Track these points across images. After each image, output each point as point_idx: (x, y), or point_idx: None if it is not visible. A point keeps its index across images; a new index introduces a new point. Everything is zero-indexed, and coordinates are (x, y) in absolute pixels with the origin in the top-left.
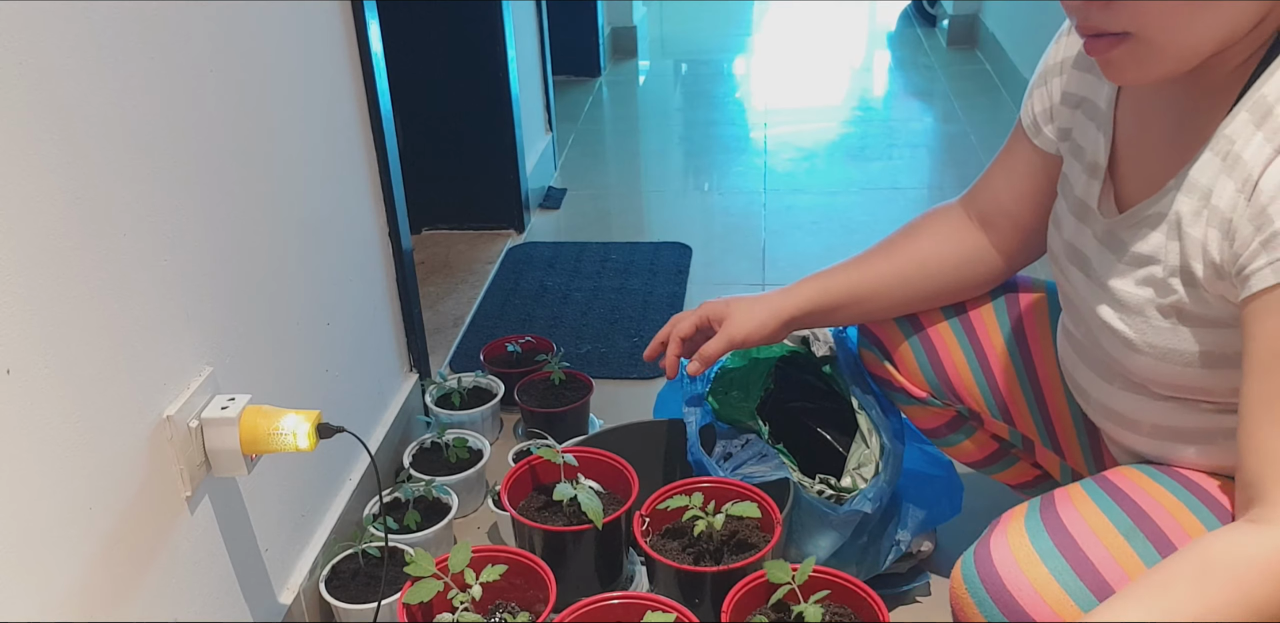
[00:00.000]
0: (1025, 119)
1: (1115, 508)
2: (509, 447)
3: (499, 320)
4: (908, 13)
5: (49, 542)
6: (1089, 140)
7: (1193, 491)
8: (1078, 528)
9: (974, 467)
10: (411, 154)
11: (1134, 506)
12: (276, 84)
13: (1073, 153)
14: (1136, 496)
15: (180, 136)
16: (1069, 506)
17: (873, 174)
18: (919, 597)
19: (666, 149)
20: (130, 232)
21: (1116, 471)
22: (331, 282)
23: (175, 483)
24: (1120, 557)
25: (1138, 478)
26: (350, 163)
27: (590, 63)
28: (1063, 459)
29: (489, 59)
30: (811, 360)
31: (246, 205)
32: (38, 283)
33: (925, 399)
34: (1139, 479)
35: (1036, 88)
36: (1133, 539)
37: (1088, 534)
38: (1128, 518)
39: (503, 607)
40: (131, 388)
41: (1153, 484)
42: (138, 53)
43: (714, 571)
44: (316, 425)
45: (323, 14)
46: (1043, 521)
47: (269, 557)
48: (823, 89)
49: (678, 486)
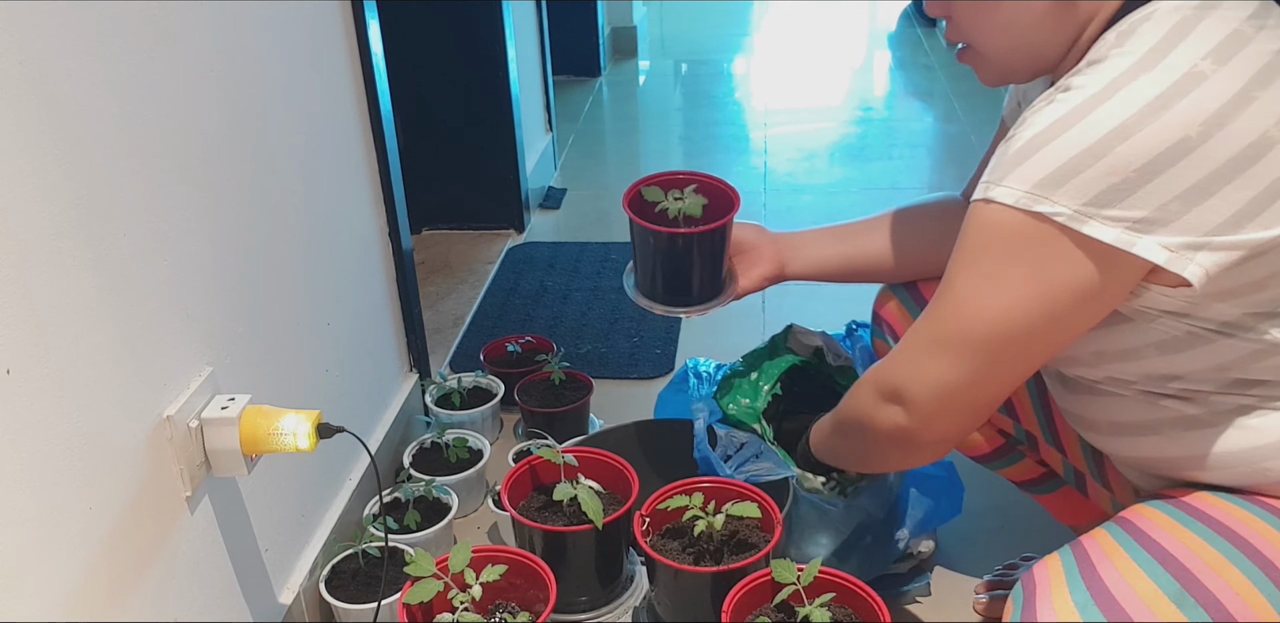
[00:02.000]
0: (1006, 111)
1: (1158, 569)
2: (509, 447)
3: (499, 320)
4: (908, 13)
5: (49, 542)
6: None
7: (1232, 540)
8: (1126, 598)
9: (980, 462)
10: (411, 154)
11: (1179, 566)
12: (276, 84)
13: None
14: (1179, 553)
15: (180, 136)
16: (1110, 567)
17: (873, 174)
18: (919, 597)
19: (666, 149)
20: (130, 232)
21: (1143, 515)
22: (331, 282)
23: (175, 483)
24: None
25: (1172, 527)
26: (350, 163)
27: (590, 63)
28: (1065, 457)
29: (489, 59)
30: (822, 371)
31: (246, 205)
32: (38, 283)
33: None
34: (1174, 529)
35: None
36: (1184, 606)
37: (1138, 605)
38: (1176, 583)
39: (503, 607)
40: (131, 388)
41: (1190, 536)
42: (138, 53)
43: (714, 571)
44: (316, 425)
45: (323, 14)
46: (1087, 588)
47: (269, 557)
48: (823, 89)
49: (678, 486)
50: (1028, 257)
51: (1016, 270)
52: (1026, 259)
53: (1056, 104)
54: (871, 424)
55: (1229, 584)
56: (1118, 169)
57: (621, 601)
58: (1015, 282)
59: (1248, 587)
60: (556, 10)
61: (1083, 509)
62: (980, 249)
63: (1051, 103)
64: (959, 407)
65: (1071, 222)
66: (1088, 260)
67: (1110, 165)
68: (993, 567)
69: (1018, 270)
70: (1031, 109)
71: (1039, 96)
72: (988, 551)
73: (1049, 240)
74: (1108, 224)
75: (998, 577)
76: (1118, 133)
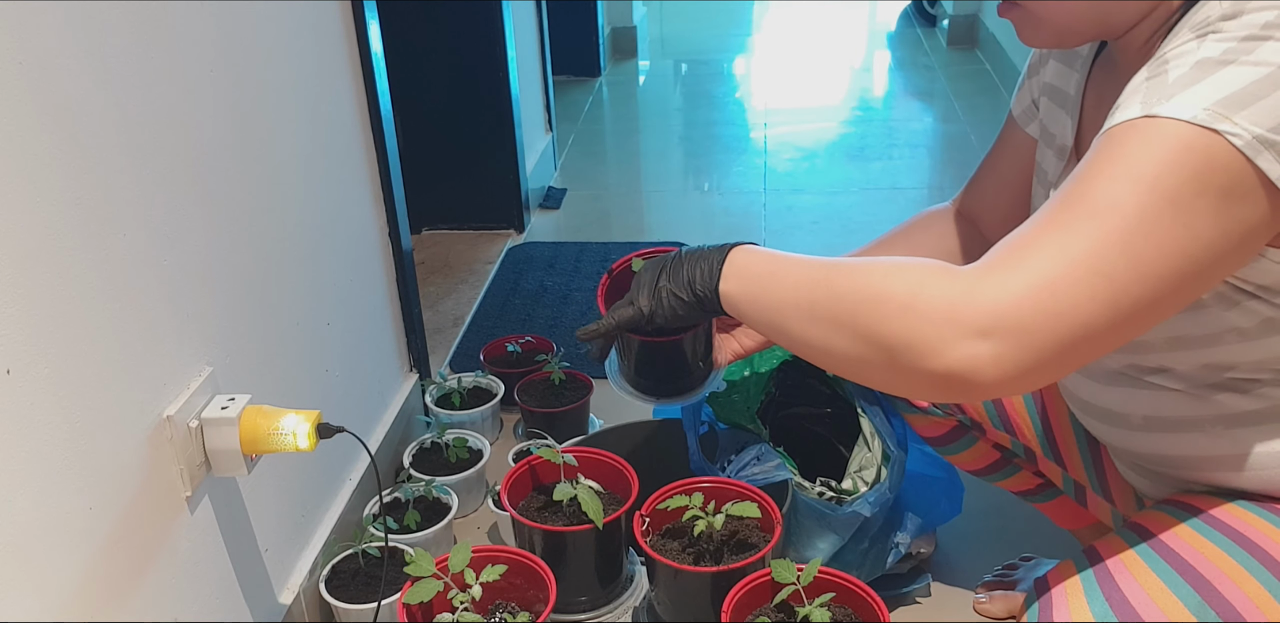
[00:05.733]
0: (1016, 109)
1: (1179, 580)
2: (509, 447)
3: (499, 320)
4: (908, 13)
5: (49, 542)
6: (1059, 126)
7: (1251, 551)
8: (1147, 610)
9: (976, 475)
10: (411, 154)
11: (1198, 577)
12: (276, 84)
13: (1045, 140)
14: (1197, 563)
15: (180, 136)
16: (1127, 576)
17: (873, 174)
18: (919, 598)
19: (666, 149)
20: (130, 232)
21: (1160, 523)
22: (331, 282)
23: (175, 483)
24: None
25: (1191, 537)
26: (350, 163)
27: (590, 63)
28: (1064, 470)
29: (489, 59)
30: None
31: (246, 205)
32: (38, 283)
33: (927, 408)
34: (1193, 539)
35: (1028, 78)
36: (1204, 619)
37: (1156, 615)
38: (1195, 593)
39: (503, 607)
40: (131, 388)
41: (1209, 546)
42: (138, 53)
43: (714, 571)
44: (316, 425)
45: (323, 14)
46: (1106, 599)
47: (269, 557)
48: (823, 89)
49: (678, 486)
50: (1216, 182)
51: (1204, 199)
52: (1214, 186)
53: (1212, 41)
54: (919, 349)
55: (1249, 597)
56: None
57: (621, 601)
58: (1203, 211)
59: (1268, 599)
60: (556, 10)
61: (1081, 515)
62: (1161, 167)
63: (1204, 42)
64: (1076, 356)
65: (1248, 149)
66: (1265, 199)
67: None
68: (993, 567)
69: (1205, 199)
70: (1177, 50)
71: (1170, 48)
72: (988, 551)
73: (1234, 167)
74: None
75: (998, 577)
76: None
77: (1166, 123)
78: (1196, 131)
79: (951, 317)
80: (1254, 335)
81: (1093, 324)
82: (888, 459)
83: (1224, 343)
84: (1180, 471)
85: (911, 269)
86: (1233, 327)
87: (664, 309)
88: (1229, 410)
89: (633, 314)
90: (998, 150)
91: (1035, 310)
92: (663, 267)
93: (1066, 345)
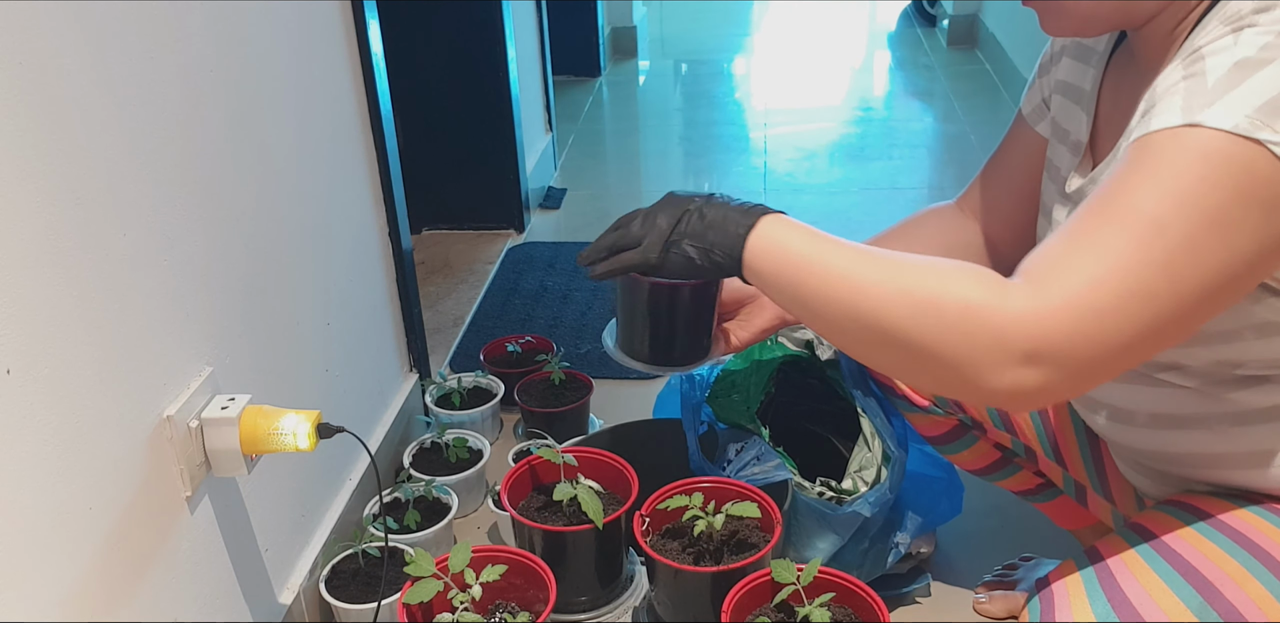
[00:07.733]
0: (1026, 108)
1: (1181, 581)
2: (509, 447)
3: (499, 320)
4: (908, 13)
5: (49, 542)
6: (1073, 122)
7: (1253, 553)
8: (1149, 610)
9: (976, 474)
10: (411, 154)
11: (1200, 577)
12: (276, 84)
13: (1058, 137)
14: (1199, 563)
15: (180, 136)
16: (1129, 576)
17: (873, 174)
18: (919, 598)
19: (666, 149)
20: (130, 232)
21: (1162, 524)
22: (331, 282)
23: (175, 483)
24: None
25: (1193, 538)
26: (350, 163)
27: (590, 63)
28: (1065, 470)
29: (489, 59)
30: (815, 364)
31: (246, 205)
32: (38, 283)
33: (928, 407)
34: (1195, 540)
35: (1039, 77)
36: (1205, 618)
37: (1158, 615)
38: (1197, 595)
39: (503, 607)
40: (131, 388)
41: (1211, 547)
42: (137, 53)
43: (714, 571)
44: (316, 426)
45: (323, 14)
46: (1108, 599)
47: (269, 557)
48: (823, 89)
49: (678, 486)
50: (1259, 197)
51: (1247, 216)
52: (1257, 201)
53: (1249, 34)
54: (965, 372)
55: (1251, 597)
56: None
57: (621, 601)
58: (1245, 229)
59: (1270, 600)
60: (556, 10)
61: (1082, 515)
62: (1205, 185)
63: (1240, 36)
64: (1117, 370)
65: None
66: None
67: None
68: (993, 567)
69: (1248, 216)
70: (1213, 45)
71: (1205, 43)
72: (988, 551)
73: (1276, 178)
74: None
75: (998, 577)
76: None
77: (1208, 133)
78: (1239, 143)
79: (1000, 343)
80: (1271, 332)
81: (1133, 344)
82: (888, 459)
83: (1241, 339)
84: (1183, 468)
85: (958, 279)
86: (1253, 323)
87: (674, 265)
88: (1237, 408)
89: (638, 262)
90: (1005, 149)
91: (1082, 337)
92: (683, 215)
93: (1109, 365)
